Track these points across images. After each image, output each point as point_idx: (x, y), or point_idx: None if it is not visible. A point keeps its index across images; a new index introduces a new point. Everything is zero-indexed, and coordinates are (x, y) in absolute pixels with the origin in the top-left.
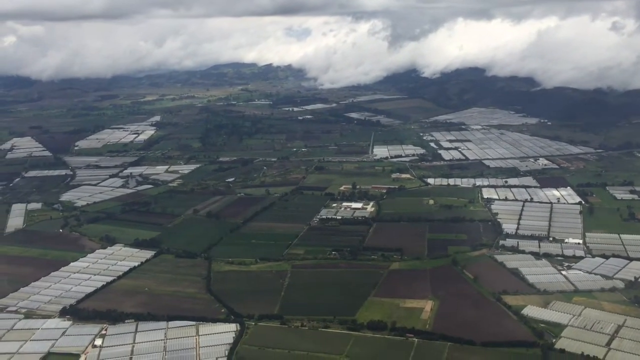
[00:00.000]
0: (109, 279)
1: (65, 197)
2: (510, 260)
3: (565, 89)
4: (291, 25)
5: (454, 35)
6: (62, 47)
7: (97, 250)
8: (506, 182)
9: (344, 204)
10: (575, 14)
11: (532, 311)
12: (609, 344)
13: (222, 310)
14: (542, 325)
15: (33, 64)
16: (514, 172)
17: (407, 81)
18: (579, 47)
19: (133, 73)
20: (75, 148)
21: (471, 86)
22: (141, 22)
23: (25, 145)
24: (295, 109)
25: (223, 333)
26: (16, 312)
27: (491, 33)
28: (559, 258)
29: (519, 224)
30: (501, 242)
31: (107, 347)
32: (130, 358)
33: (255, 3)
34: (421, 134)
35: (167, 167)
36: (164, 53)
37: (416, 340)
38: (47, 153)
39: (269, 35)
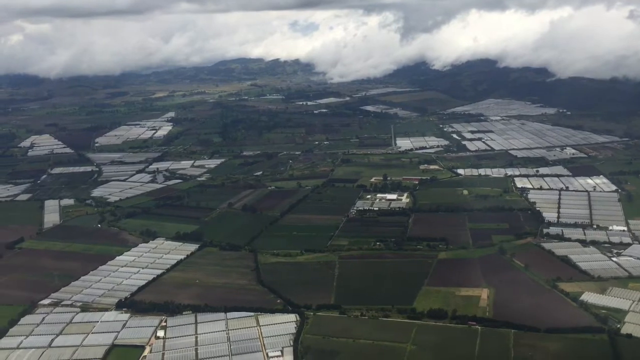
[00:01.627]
0: (158, 272)
1: (97, 192)
2: (559, 248)
3: (581, 79)
4: (296, 20)
5: (466, 27)
6: (71, 44)
7: (139, 245)
8: (537, 171)
9: (378, 195)
10: (590, 4)
11: (591, 297)
12: None
13: (278, 301)
14: (603, 311)
15: (41, 62)
16: (542, 162)
17: (417, 74)
18: (593, 37)
19: (140, 70)
20: (96, 145)
21: (485, 77)
22: (149, 19)
23: (45, 143)
24: (309, 103)
25: (284, 323)
26: (71, 305)
27: (503, 24)
28: (606, 245)
29: (559, 212)
30: (545, 230)
31: (170, 338)
32: (196, 349)
33: None
34: (441, 126)
35: (192, 162)
36: (171, 49)
37: (479, 327)
38: (68, 150)
39: (274, 30)
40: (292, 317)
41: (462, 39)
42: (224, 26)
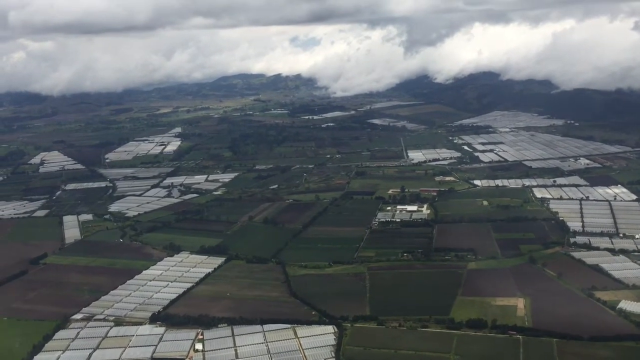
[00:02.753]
0: (188, 285)
1: (114, 207)
2: (589, 257)
3: (586, 91)
4: (297, 35)
5: (470, 40)
6: (73, 62)
7: (165, 259)
8: (554, 181)
9: (398, 207)
10: (593, 16)
11: (629, 305)
12: None
13: (313, 313)
14: None
15: (43, 80)
16: (558, 172)
17: (419, 87)
18: (597, 49)
19: (142, 86)
20: (107, 161)
21: (489, 90)
22: (152, 36)
23: (55, 159)
24: (315, 117)
25: (322, 335)
26: (104, 320)
27: (506, 37)
28: (636, 253)
29: (583, 221)
30: (571, 239)
31: (209, 351)
32: None
33: (291, 11)
34: (450, 138)
35: (205, 176)
36: (173, 66)
37: (520, 337)
38: (79, 166)
39: (275, 45)
40: (330, 328)
41: (464, 52)
42: (225, 42)
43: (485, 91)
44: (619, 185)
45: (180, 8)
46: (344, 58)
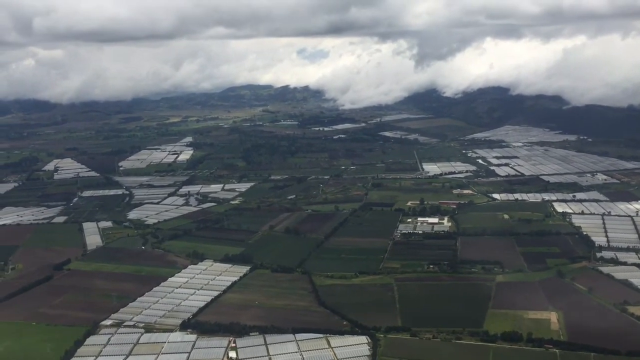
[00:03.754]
0: (215, 293)
1: (132, 215)
2: (617, 272)
3: (598, 107)
4: (305, 47)
5: (481, 55)
6: (83, 70)
7: (189, 266)
8: (574, 196)
9: (419, 218)
10: (606, 32)
11: None
12: None
13: (344, 323)
14: None
15: (52, 88)
16: (576, 187)
17: (428, 101)
18: (608, 65)
19: (150, 95)
20: (121, 168)
21: (499, 105)
22: (164, 45)
23: (68, 166)
24: (325, 128)
25: (356, 345)
26: (134, 326)
27: (515, 52)
28: None
29: (607, 236)
30: (597, 254)
31: (244, 359)
32: None
33: (311, 23)
34: (464, 151)
35: (221, 185)
36: (181, 76)
37: (557, 351)
38: (93, 173)
39: (282, 57)
40: (363, 339)
41: (473, 66)
42: (233, 53)
43: (495, 105)
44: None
45: (203, 17)
46: (354, 70)
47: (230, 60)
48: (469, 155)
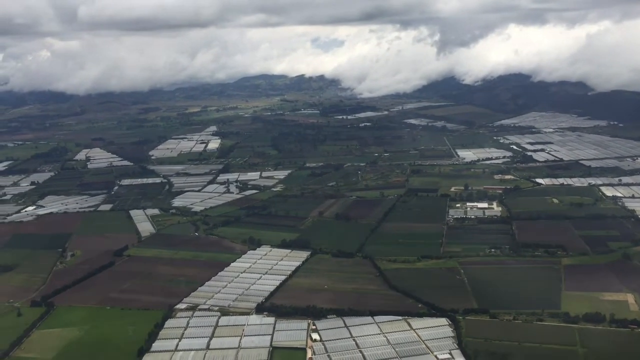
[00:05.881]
0: (282, 277)
1: (177, 203)
2: None
3: (624, 92)
4: (318, 37)
5: (504, 41)
6: (100, 61)
7: (248, 252)
8: (620, 180)
9: (468, 204)
10: (632, 17)
11: None
12: None
13: (419, 305)
14: None
15: (68, 79)
16: (620, 172)
17: (447, 88)
18: (633, 50)
19: (165, 86)
20: (152, 157)
21: (522, 91)
22: (179, 36)
23: (99, 156)
24: (349, 117)
25: (438, 327)
26: (209, 309)
27: (536, 39)
28: None
29: None
30: None
31: (327, 341)
32: (361, 351)
33: (343, 10)
34: (495, 138)
35: (258, 173)
36: (197, 66)
37: None
38: (126, 163)
39: (295, 46)
40: (444, 320)
41: (493, 53)
42: (246, 42)
43: (518, 92)
44: None
45: (246, 4)
46: (373, 59)
47: (243, 50)
48: (501, 141)
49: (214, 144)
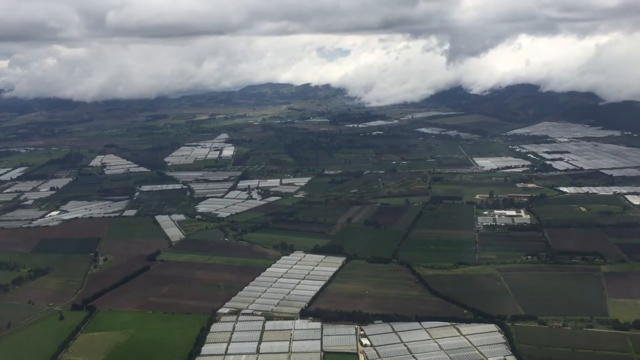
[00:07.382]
0: (321, 283)
1: (202, 209)
2: None
3: (635, 103)
4: (323, 46)
5: (514, 51)
6: (106, 68)
7: (282, 257)
8: None
9: (495, 211)
10: None
11: None
12: None
13: (465, 311)
14: None
15: (75, 86)
16: None
17: (455, 98)
18: None
19: (171, 94)
20: (168, 164)
21: (532, 101)
22: (186, 44)
23: (115, 162)
24: (360, 125)
25: (488, 333)
26: (252, 314)
27: (545, 50)
28: None
29: None
30: None
31: (378, 346)
32: (414, 357)
33: (366, 18)
34: (510, 147)
35: (278, 180)
36: (203, 73)
37: None
38: (143, 169)
39: (301, 55)
40: (493, 327)
41: (502, 64)
42: (252, 51)
43: (528, 102)
44: None
45: (273, 10)
46: (381, 68)
47: (249, 58)
48: (517, 150)
49: (228, 151)
